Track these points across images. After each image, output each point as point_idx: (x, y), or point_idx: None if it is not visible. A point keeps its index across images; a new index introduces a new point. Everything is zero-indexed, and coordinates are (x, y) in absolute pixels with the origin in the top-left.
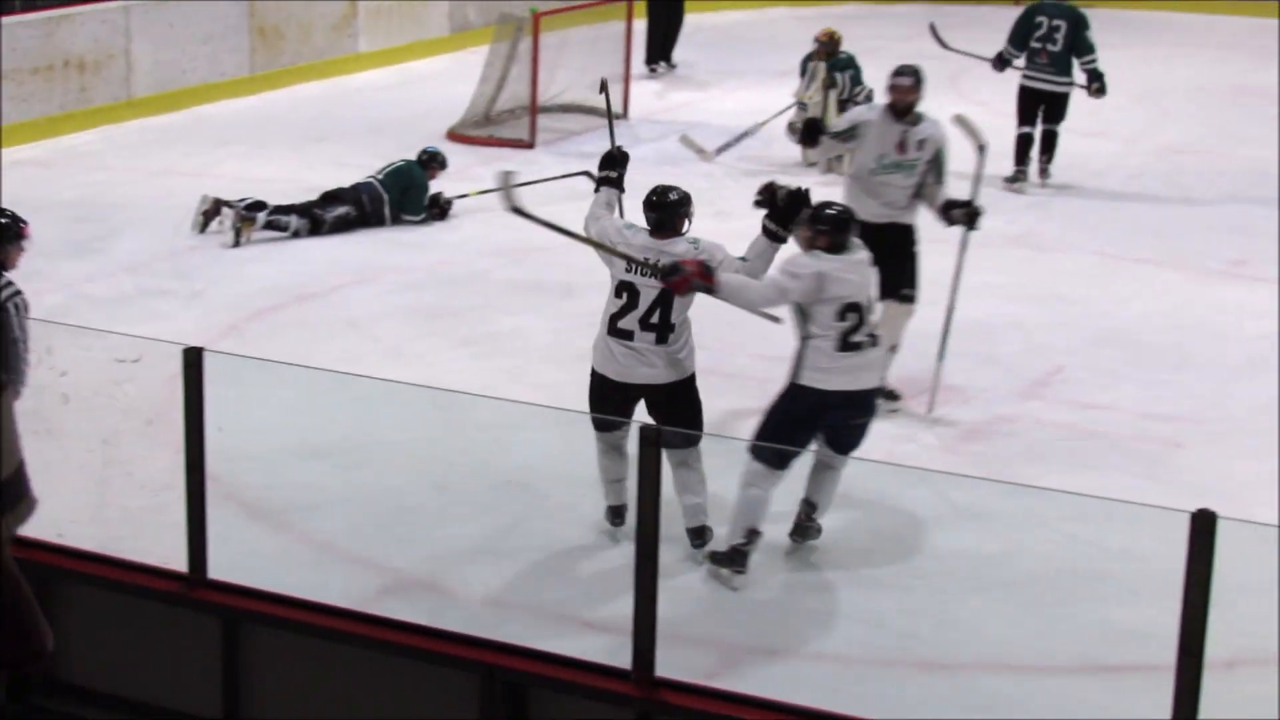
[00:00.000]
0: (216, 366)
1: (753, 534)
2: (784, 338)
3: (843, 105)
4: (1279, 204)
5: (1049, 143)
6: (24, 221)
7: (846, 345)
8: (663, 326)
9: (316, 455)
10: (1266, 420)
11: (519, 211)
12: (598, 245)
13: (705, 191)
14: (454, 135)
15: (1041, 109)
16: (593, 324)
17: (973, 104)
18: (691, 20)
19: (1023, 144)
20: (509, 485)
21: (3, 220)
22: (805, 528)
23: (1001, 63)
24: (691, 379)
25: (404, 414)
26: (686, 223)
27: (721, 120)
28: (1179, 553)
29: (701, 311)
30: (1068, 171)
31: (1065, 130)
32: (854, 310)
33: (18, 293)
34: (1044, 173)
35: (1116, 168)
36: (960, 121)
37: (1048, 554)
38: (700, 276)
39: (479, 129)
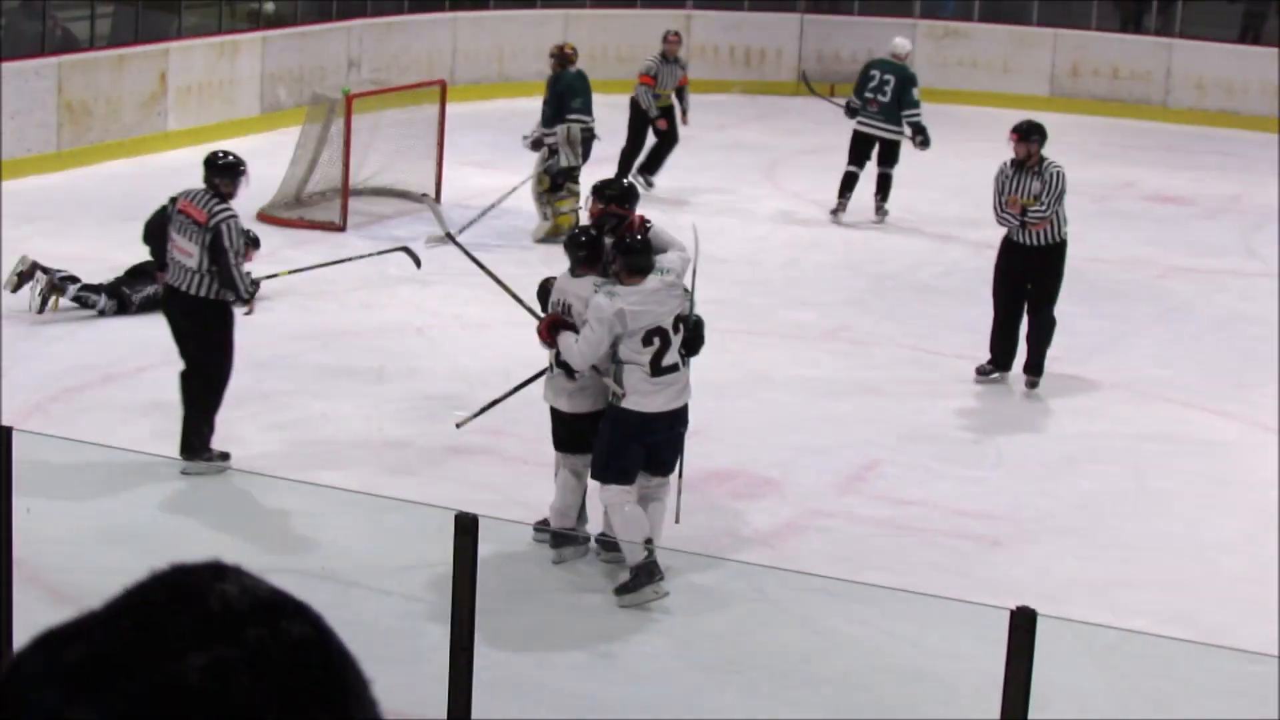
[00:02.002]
0: (24, 446)
1: (648, 543)
2: None
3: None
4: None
5: (883, 184)
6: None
7: (659, 370)
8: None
9: (119, 539)
10: (1083, 519)
11: (450, 238)
12: (504, 287)
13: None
14: (264, 216)
15: (876, 152)
16: (404, 409)
17: (787, 195)
18: (504, 106)
19: (847, 181)
20: (317, 574)
21: (229, 159)
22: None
23: (850, 110)
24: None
25: (210, 498)
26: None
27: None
28: (998, 652)
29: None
30: (883, 264)
31: (879, 226)
32: (658, 335)
33: (232, 215)
34: (879, 210)
35: (931, 262)
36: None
37: (865, 652)
38: (542, 335)
39: (289, 210)
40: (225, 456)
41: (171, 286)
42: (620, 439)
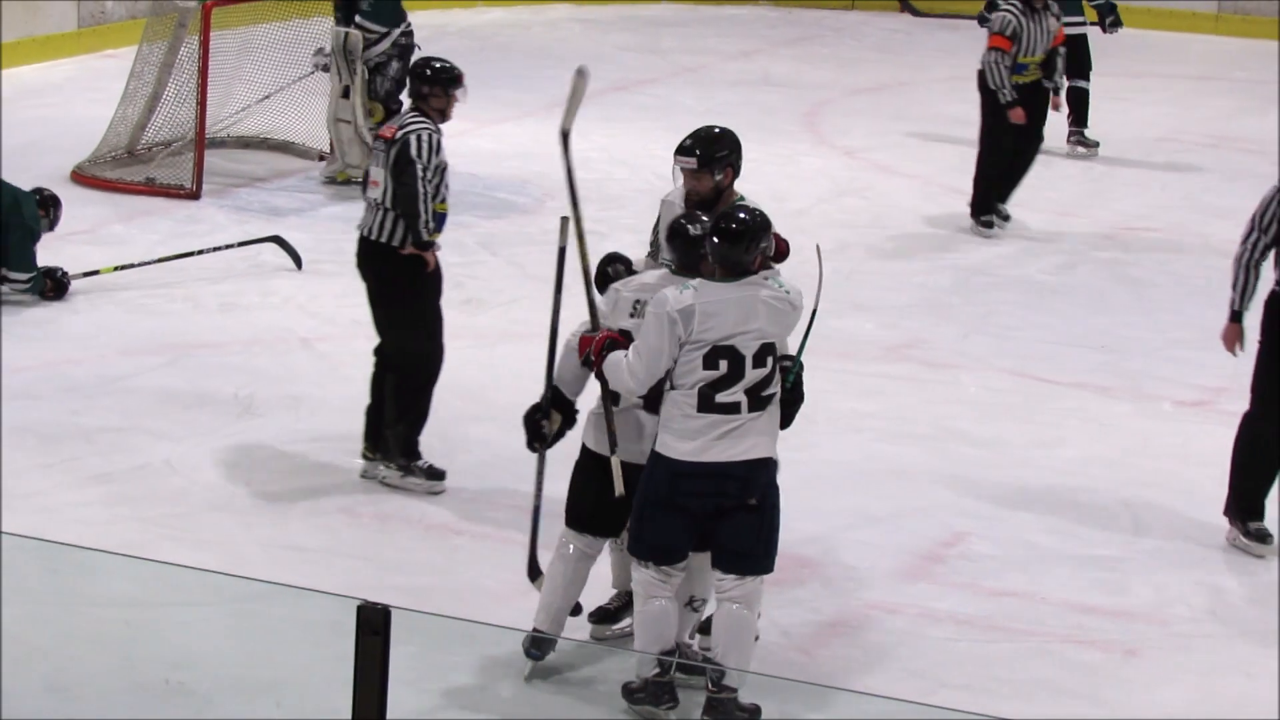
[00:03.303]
0: None
1: (667, 656)
2: None
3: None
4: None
5: (1078, 104)
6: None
7: (708, 405)
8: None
9: None
10: (1259, 616)
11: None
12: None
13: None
14: (81, 176)
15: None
16: (284, 455)
17: (836, 150)
18: (437, 20)
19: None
20: (159, 688)
21: (441, 66)
22: (715, 701)
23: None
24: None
25: (5, 581)
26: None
27: (473, 167)
28: None
29: None
30: (973, 252)
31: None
32: (728, 358)
33: (428, 128)
34: (1081, 140)
35: (1043, 252)
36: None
37: None
38: (593, 353)
39: (118, 168)
40: (438, 475)
41: (360, 237)
42: (647, 497)
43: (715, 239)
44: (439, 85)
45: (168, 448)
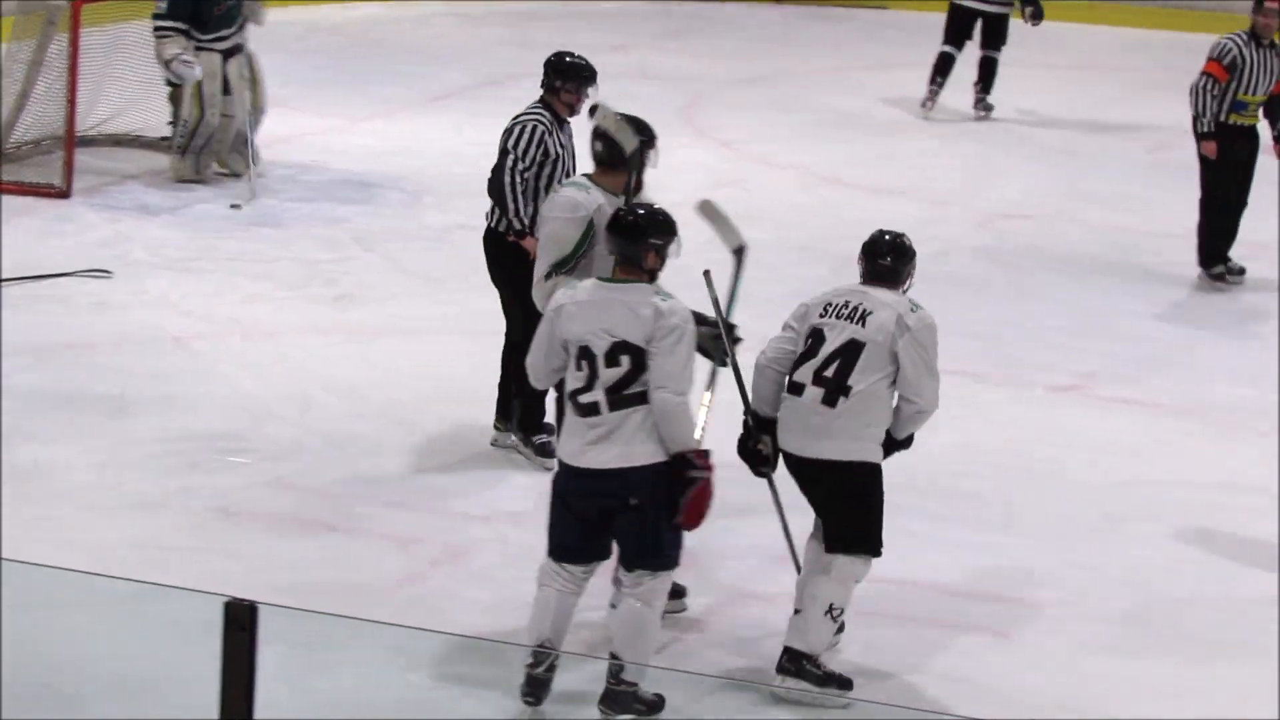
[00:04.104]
0: None
1: (542, 650)
2: None
3: None
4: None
5: (986, 70)
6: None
7: (576, 406)
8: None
9: None
10: (1131, 598)
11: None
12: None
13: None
14: None
15: (979, 30)
16: (156, 452)
17: (714, 142)
18: (308, 17)
19: (942, 64)
20: (33, 696)
21: (572, 59)
22: (613, 693)
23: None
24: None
25: None
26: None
27: (348, 164)
28: None
29: None
30: (848, 245)
31: (854, 186)
32: (586, 359)
33: (532, 119)
34: (980, 103)
35: (921, 239)
36: (706, 211)
37: None
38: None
39: None
40: (548, 453)
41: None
42: (552, 495)
43: (609, 230)
44: (573, 81)
45: (37, 449)
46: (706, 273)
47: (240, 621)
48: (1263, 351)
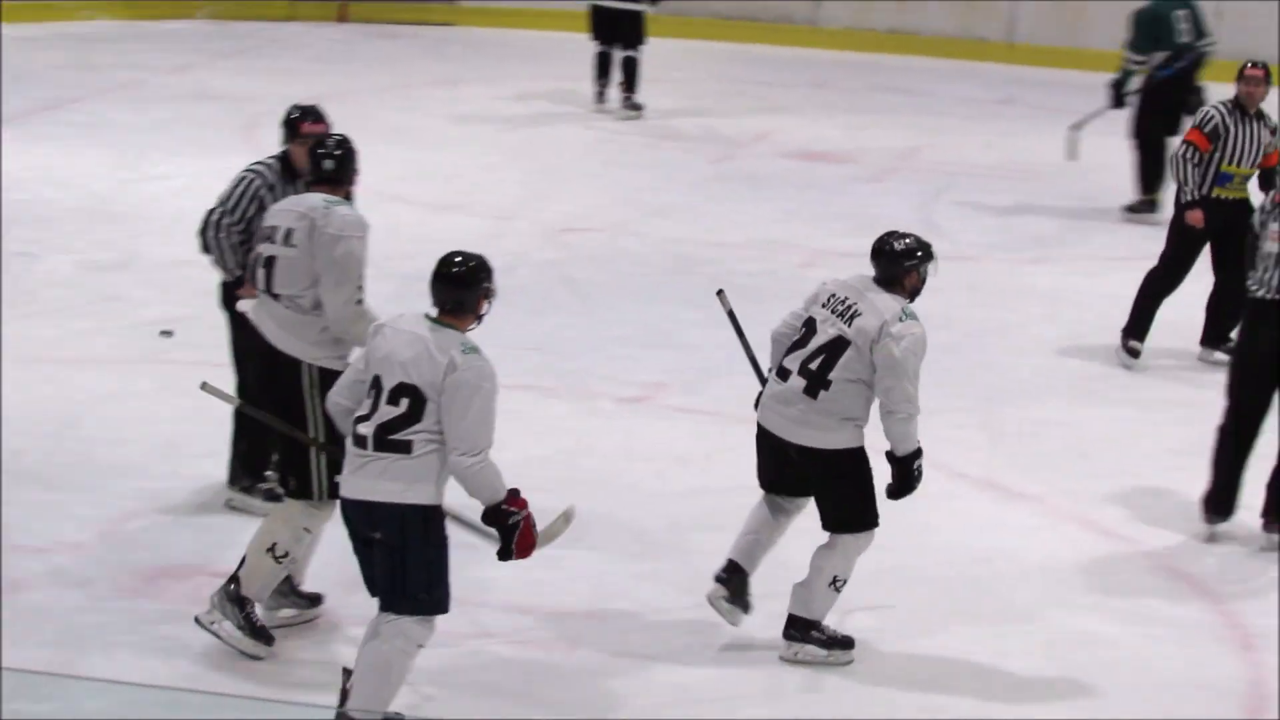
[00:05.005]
0: None
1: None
2: None
3: None
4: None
5: (629, 71)
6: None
7: (355, 437)
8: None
9: None
10: (695, 600)
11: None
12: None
13: None
14: None
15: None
16: None
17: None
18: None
19: (600, 64)
20: None
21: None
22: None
23: None
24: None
25: None
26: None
27: None
28: None
29: None
30: (420, 257)
31: (417, 203)
32: (375, 389)
33: (261, 175)
34: (630, 104)
35: (489, 254)
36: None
37: None
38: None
39: None
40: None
41: None
42: None
43: (437, 280)
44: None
45: None
46: (720, 292)
47: None
48: None
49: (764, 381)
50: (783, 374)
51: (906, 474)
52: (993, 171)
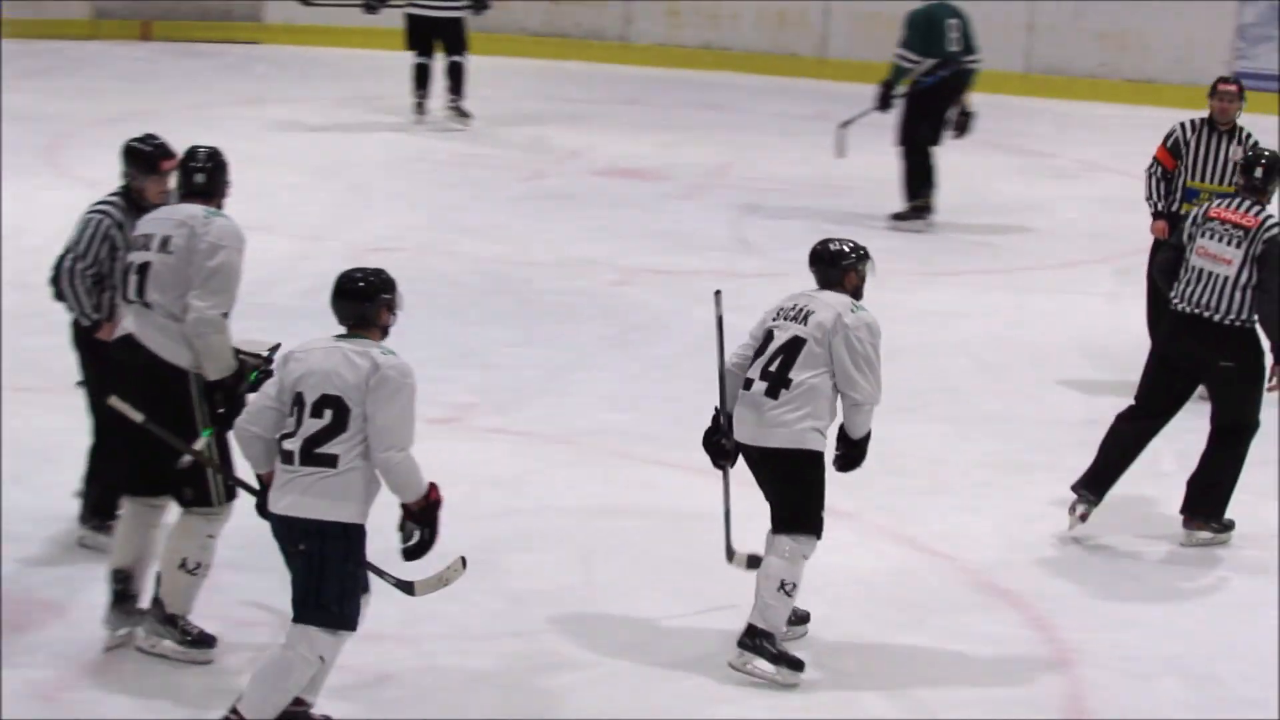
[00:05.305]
0: None
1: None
2: None
3: None
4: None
5: (454, 77)
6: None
7: (282, 453)
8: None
9: None
10: (509, 625)
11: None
12: None
13: None
14: None
15: (439, 39)
16: None
17: (80, 182)
18: None
19: (419, 75)
20: None
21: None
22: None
23: (369, 7)
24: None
25: None
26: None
27: None
28: None
29: None
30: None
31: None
32: (298, 405)
33: (107, 213)
34: (458, 112)
35: (293, 276)
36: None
37: None
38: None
39: None
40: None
41: None
42: None
43: (338, 298)
44: (133, 167)
45: None
46: (717, 293)
47: None
48: (641, 377)
49: (722, 389)
50: (746, 385)
51: (860, 450)
52: (806, 187)
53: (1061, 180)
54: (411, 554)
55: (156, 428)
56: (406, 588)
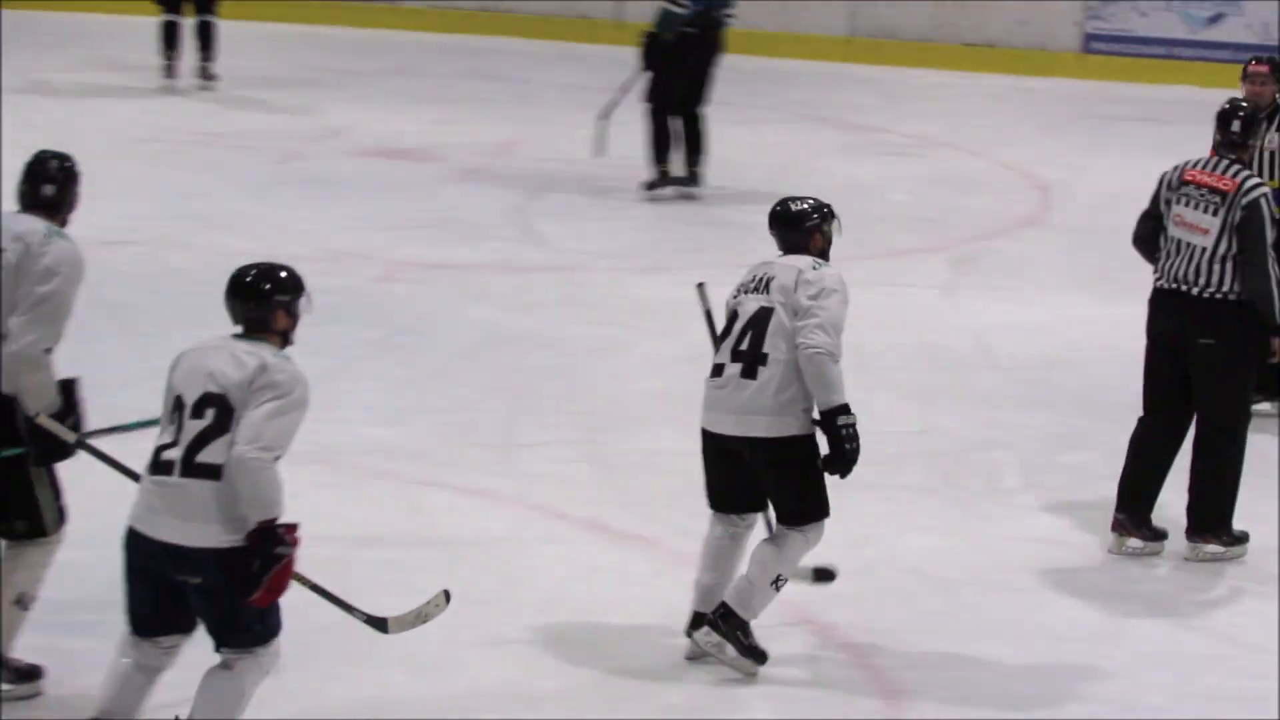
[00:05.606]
0: None
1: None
2: None
3: None
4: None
5: (204, 37)
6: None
7: (154, 463)
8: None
9: None
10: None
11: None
12: None
13: None
14: None
15: None
16: None
17: None
18: None
19: (168, 33)
20: None
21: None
22: None
23: None
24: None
25: None
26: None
27: None
28: None
29: None
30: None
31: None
32: (179, 411)
33: None
34: (206, 74)
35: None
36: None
37: None
38: None
39: None
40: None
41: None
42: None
43: (230, 295)
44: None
45: None
46: (700, 285)
47: None
48: (408, 386)
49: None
50: (717, 370)
51: (837, 435)
52: (598, 169)
53: (891, 158)
54: (241, 588)
55: (91, 448)
56: (379, 625)
